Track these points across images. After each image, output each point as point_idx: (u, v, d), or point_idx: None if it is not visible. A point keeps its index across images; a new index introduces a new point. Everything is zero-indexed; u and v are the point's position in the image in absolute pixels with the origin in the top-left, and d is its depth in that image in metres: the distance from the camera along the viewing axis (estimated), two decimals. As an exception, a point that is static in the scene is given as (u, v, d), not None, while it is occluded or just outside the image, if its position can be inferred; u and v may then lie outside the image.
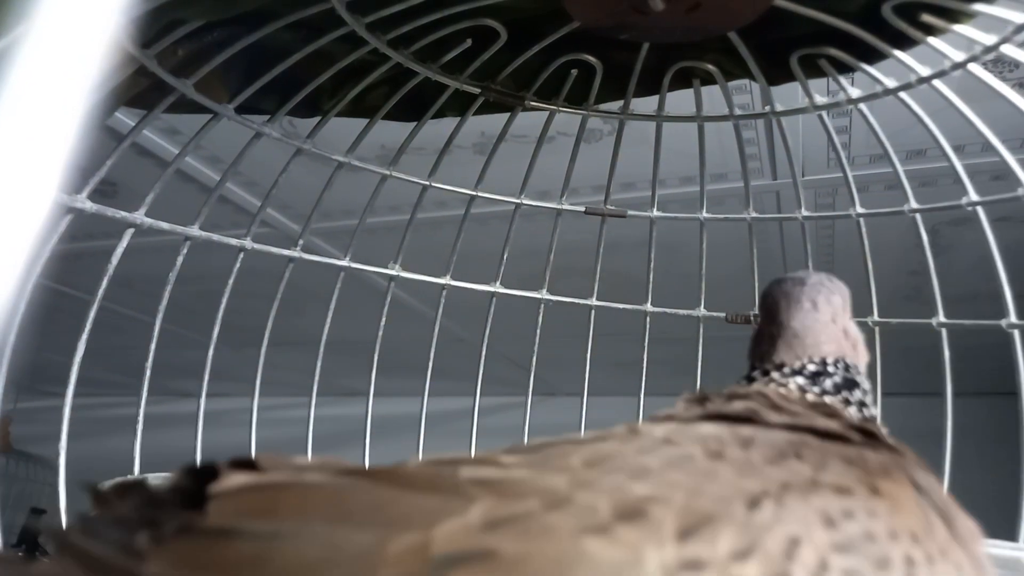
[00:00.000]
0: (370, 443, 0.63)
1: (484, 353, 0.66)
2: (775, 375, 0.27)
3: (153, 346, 0.53)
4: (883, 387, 0.52)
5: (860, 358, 0.29)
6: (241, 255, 0.56)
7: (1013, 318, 0.53)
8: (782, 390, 0.26)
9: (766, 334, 0.29)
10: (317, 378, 0.61)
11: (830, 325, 0.28)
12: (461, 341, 1.07)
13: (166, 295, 0.53)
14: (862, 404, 0.26)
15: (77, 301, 1.09)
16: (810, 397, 0.26)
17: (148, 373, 0.52)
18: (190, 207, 0.52)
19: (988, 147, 0.51)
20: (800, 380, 0.26)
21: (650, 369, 0.63)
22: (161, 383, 0.50)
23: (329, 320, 0.62)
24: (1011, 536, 0.49)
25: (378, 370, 0.63)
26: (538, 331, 0.66)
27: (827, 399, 0.26)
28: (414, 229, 0.63)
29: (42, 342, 0.58)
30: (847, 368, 0.27)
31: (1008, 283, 0.52)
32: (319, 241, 1.09)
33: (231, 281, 0.56)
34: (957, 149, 0.53)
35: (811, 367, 0.27)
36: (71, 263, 0.46)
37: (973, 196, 0.53)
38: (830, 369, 0.27)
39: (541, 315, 0.66)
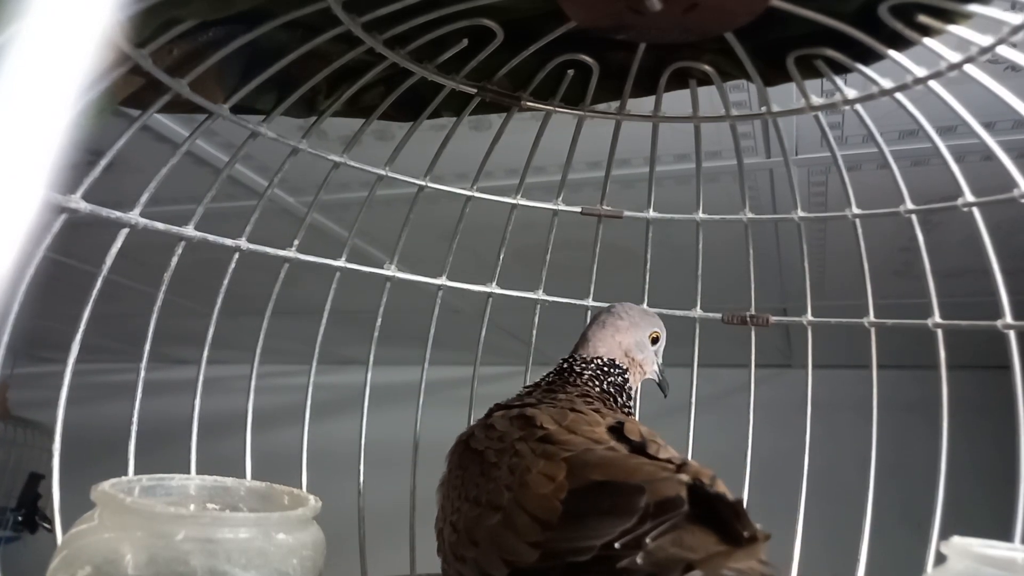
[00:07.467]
0: (367, 411, 0.63)
1: (481, 350, 0.66)
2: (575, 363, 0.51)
3: (152, 328, 0.53)
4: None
5: (626, 360, 0.51)
6: (236, 255, 0.56)
7: (1009, 319, 0.53)
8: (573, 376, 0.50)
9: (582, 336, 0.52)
10: (317, 352, 0.61)
11: (609, 337, 0.51)
12: (458, 312, 1.07)
13: (162, 293, 0.53)
14: (615, 385, 0.49)
15: (73, 270, 1.08)
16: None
17: (146, 354, 0.52)
18: (195, 185, 0.51)
19: (982, 126, 0.51)
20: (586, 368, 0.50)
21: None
22: (156, 350, 0.51)
23: (325, 321, 0.62)
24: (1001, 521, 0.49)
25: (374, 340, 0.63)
26: (534, 331, 0.66)
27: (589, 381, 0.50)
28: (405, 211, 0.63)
29: (39, 309, 0.58)
30: (606, 364, 0.50)
31: (1004, 284, 0.52)
32: (318, 215, 1.09)
33: (226, 282, 0.56)
34: (948, 130, 0.52)
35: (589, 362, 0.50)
36: (66, 232, 0.46)
37: (969, 197, 0.53)
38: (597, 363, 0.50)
39: (537, 316, 0.66)
